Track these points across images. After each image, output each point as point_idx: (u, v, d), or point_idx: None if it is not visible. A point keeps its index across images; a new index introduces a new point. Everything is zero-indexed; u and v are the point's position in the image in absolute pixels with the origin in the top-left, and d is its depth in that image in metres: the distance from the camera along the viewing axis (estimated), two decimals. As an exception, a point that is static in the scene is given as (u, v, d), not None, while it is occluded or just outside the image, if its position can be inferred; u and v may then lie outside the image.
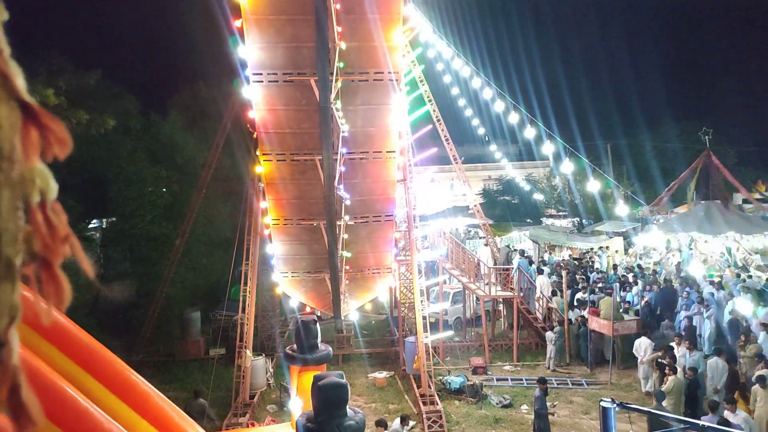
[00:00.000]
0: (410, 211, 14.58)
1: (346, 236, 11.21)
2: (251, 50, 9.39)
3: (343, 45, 9.15)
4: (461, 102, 21.87)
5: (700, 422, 4.76)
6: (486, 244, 23.32)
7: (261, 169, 10.75)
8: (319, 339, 8.61)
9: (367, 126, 10.60)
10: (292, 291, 12.71)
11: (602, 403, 4.73)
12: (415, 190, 14.91)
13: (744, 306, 14.93)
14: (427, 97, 19.55)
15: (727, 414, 9.54)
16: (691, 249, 24.79)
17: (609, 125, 47.89)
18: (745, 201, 33.83)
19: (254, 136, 10.67)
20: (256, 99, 9.82)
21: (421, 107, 19.01)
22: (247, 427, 11.51)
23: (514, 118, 15.07)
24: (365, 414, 11.12)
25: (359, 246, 11.76)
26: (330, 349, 8.92)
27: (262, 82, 9.71)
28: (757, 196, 33.91)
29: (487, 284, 17.34)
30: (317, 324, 8.60)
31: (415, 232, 14.67)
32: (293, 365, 8.63)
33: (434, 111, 20.07)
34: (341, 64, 9.25)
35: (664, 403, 10.65)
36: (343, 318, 16.67)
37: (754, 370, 12.29)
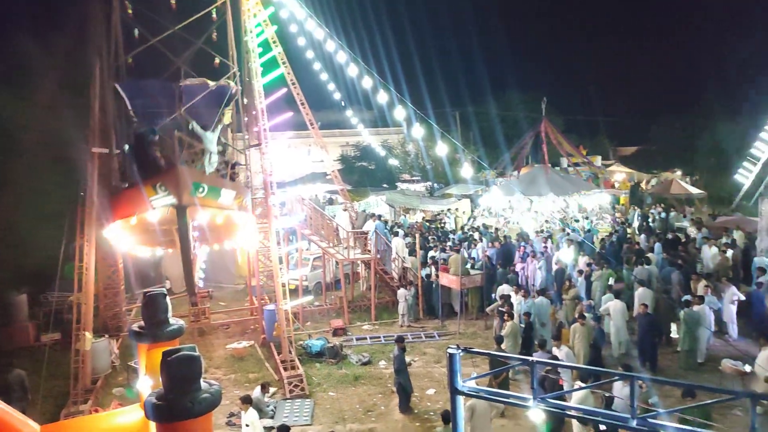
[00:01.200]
0: (266, 177, 14.18)
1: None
2: None
3: None
4: (316, 66, 21.55)
5: (529, 358, 5.35)
6: (345, 210, 23.65)
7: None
8: (170, 313, 8.08)
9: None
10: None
11: (449, 350, 5.09)
12: (270, 156, 14.49)
13: (567, 256, 17.00)
14: (281, 59, 18.93)
15: (554, 350, 10.88)
16: (529, 210, 27.48)
17: (458, 94, 50.67)
18: (569, 164, 38.22)
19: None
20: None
21: (274, 69, 18.36)
22: (90, 413, 10.57)
23: (368, 83, 15.24)
24: (224, 386, 10.81)
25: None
26: (182, 323, 8.44)
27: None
28: (579, 160, 38.43)
29: (345, 248, 17.64)
30: (167, 298, 8.05)
31: (273, 199, 14.34)
32: (141, 343, 8.02)
33: (289, 74, 19.53)
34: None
35: (503, 346, 11.85)
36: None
37: (576, 310, 14.18)
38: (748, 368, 10.99)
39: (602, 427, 7.44)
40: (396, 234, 21.28)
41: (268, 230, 14.14)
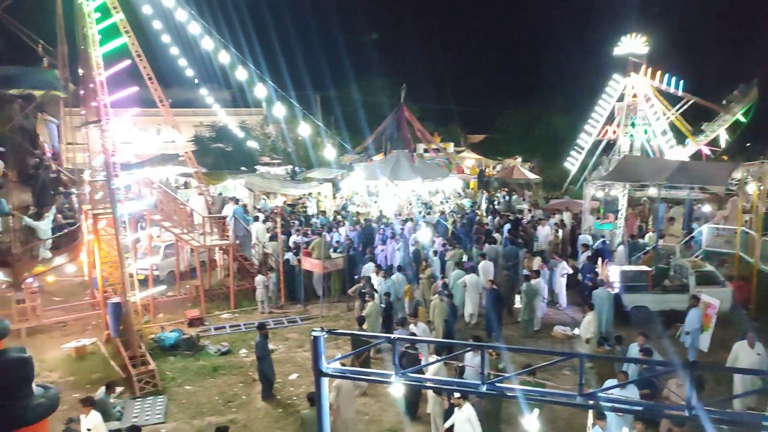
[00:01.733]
0: (108, 157, 12.84)
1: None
2: None
3: None
4: (166, 38, 19.87)
5: (390, 335, 5.52)
6: (200, 194, 22.35)
7: None
8: (-11, 313, 7.01)
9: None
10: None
11: (313, 333, 5.05)
12: (112, 134, 13.13)
13: (423, 237, 17.87)
14: (124, 27, 17.15)
15: (410, 327, 11.39)
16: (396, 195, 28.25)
17: (319, 77, 50.25)
18: (426, 150, 40.12)
19: None
20: None
21: (116, 38, 16.56)
22: None
23: (225, 59, 14.39)
24: (61, 389, 9.69)
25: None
26: (6, 322, 7.37)
27: None
28: (434, 146, 40.54)
29: (201, 234, 16.72)
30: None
31: (116, 182, 13.04)
32: (-48, 349, 6.86)
33: (133, 44, 17.77)
34: None
35: (364, 326, 12.13)
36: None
37: (432, 288, 15.00)
38: (575, 332, 12.52)
39: (456, 395, 7.96)
40: (256, 219, 20.67)
41: (111, 216, 12.85)
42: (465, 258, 16.94)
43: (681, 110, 35.52)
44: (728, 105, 33.93)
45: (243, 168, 37.30)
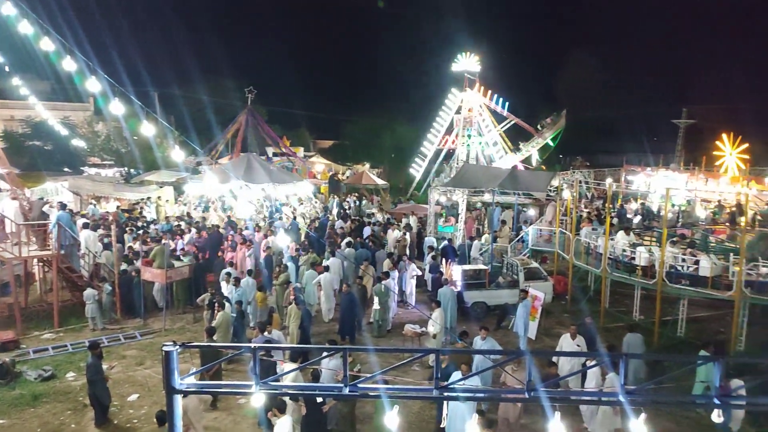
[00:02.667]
0: None
1: None
2: None
3: None
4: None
5: (250, 344, 5.30)
6: (13, 198, 19.37)
7: None
8: None
9: None
10: None
11: (165, 347, 4.64)
12: None
13: (278, 242, 17.51)
14: None
15: (267, 334, 11.07)
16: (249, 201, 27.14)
17: (160, 76, 46.90)
18: (275, 154, 39.46)
19: None
20: None
21: None
22: None
23: (48, 46, 12.59)
24: None
25: None
26: None
27: None
28: (284, 150, 40.06)
29: (16, 244, 14.51)
30: None
31: None
32: None
33: None
34: None
35: (215, 337, 11.50)
36: None
37: (285, 295, 14.74)
38: (428, 329, 13.20)
39: (319, 399, 7.89)
40: (86, 226, 18.50)
41: None
42: (325, 262, 16.98)
43: (505, 128, 39.44)
44: (542, 129, 38.40)
45: (66, 169, 33.24)
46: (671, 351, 13.55)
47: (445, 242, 19.39)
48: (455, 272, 16.27)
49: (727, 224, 20.18)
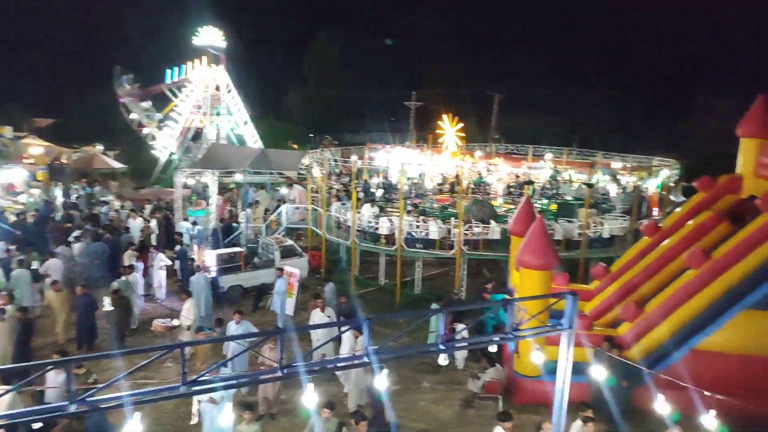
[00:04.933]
0: None
1: None
2: None
3: None
4: None
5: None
6: None
7: None
8: None
9: None
10: None
11: None
12: None
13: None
14: None
15: None
16: None
17: None
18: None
19: None
20: None
21: None
22: None
23: None
24: None
25: None
26: None
27: None
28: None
29: None
30: None
31: None
32: None
33: None
34: None
35: None
36: None
37: None
38: (175, 322, 12.31)
39: (37, 425, 6.65)
40: None
41: None
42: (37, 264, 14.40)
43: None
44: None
45: None
46: (411, 308, 15.27)
47: (195, 227, 18.37)
48: (208, 258, 15.54)
49: (449, 193, 23.51)
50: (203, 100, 37.10)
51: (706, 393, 7.25)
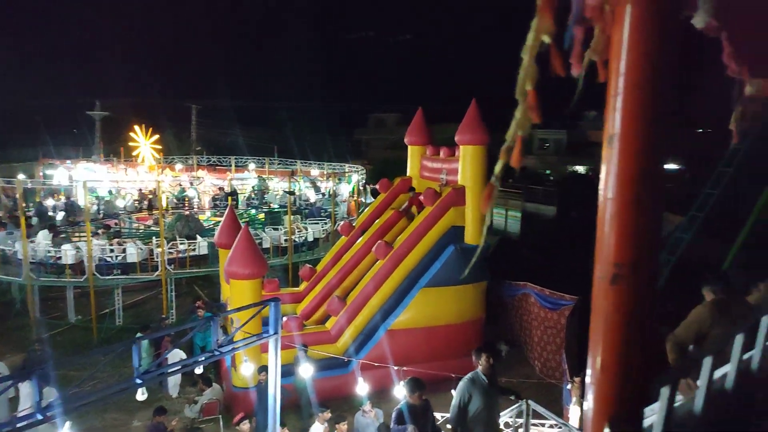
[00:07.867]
0: None
1: None
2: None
3: None
4: None
5: None
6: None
7: None
8: None
9: None
10: None
11: None
12: None
13: None
14: None
15: None
16: None
17: None
18: None
19: None
20: None
21: None
22: None
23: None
24: None
25: None
26: None
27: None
28: None
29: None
30: None
31: None
32: None
33: None
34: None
35: None
36: None
37: None
38: None
39: None
40: None
41: None
42: None
43: None
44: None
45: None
46: (111, 342, 13.51)
47: None
48: None
49: (147, 210, 21.64)
50: None
51: (394, 367, 8.30)
